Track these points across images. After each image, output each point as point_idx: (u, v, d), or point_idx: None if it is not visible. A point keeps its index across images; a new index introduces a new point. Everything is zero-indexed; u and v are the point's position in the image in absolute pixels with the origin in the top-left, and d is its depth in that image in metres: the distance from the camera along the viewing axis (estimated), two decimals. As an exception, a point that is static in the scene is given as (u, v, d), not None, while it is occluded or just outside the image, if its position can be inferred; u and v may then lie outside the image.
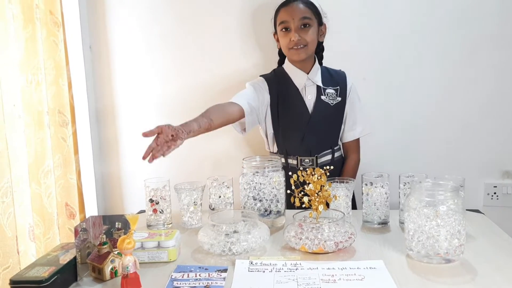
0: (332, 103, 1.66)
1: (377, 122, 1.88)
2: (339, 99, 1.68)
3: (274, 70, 1.76)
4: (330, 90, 1.67)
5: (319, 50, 1.74)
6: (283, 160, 1.69)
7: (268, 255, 1.12)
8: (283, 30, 1.63)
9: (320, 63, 1.74)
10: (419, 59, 1.89)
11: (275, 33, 1.71)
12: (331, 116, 1.68)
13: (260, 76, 1.74)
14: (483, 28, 1.84)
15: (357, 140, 1.75)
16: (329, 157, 1.69)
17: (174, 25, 1.96)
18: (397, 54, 1.89)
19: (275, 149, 1.75)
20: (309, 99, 1.67)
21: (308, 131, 1.66)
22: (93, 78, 2.02)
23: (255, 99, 1.63)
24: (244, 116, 1.56)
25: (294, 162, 1.69)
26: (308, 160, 1.67)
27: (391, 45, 1.89)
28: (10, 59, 1.57)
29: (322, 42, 1.73)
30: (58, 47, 1.79)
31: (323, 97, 1.66)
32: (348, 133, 1.73)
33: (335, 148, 1.71)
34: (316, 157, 1.67)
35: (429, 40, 1.87)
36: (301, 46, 1.60)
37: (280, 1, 1.67)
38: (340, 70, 1.74)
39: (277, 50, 1.79)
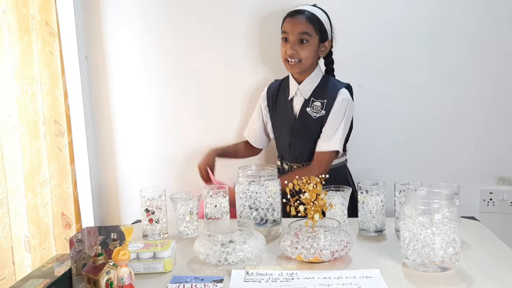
0: (315, 116, 1.64)
1: (371, 129, 1.88)
2: (323, 112, 1.63)
3: (285, 77, 1.78)
4: (317, 103, 1.65)
5: (329, 62, 1.73)
6: (279, 163, 1.78)
7: (264, 265, 1.12)
8: (283, 39, 1.66)
9: (331, 74, 1.74)
10: (412, 67, 1.90)
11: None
12: (312, 128, 1.65)
13: (274, 80, 1.83)
14: (476, 35, 1.85)
15: (321, 154, 1.62)
16: None
17: (170, 34, 1.97)
18: (391, 61, 1.90)
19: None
20: (297, 109, 1.69)
21: (293, 139, 1.69)
22: (89, 88, 2.02)
23: (260, 122, 1.82)
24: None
25: (287, 167, 1.74)
26: (296, 167, 1.70)
27: (385, 52, 1.89)
28: (5, 69, 1.57)
29: (331, 55, 1.72)
30: (54, 57, 1.80)
31: (308, 109, 1.65)
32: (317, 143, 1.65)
33: None
34: (303, 164, 1.68)
35: (423, 47, 1.88)
36: (295, 60, 1.62)
37: (287, 10, 1.67)
38: (347, 84, 1.68)
39: None
